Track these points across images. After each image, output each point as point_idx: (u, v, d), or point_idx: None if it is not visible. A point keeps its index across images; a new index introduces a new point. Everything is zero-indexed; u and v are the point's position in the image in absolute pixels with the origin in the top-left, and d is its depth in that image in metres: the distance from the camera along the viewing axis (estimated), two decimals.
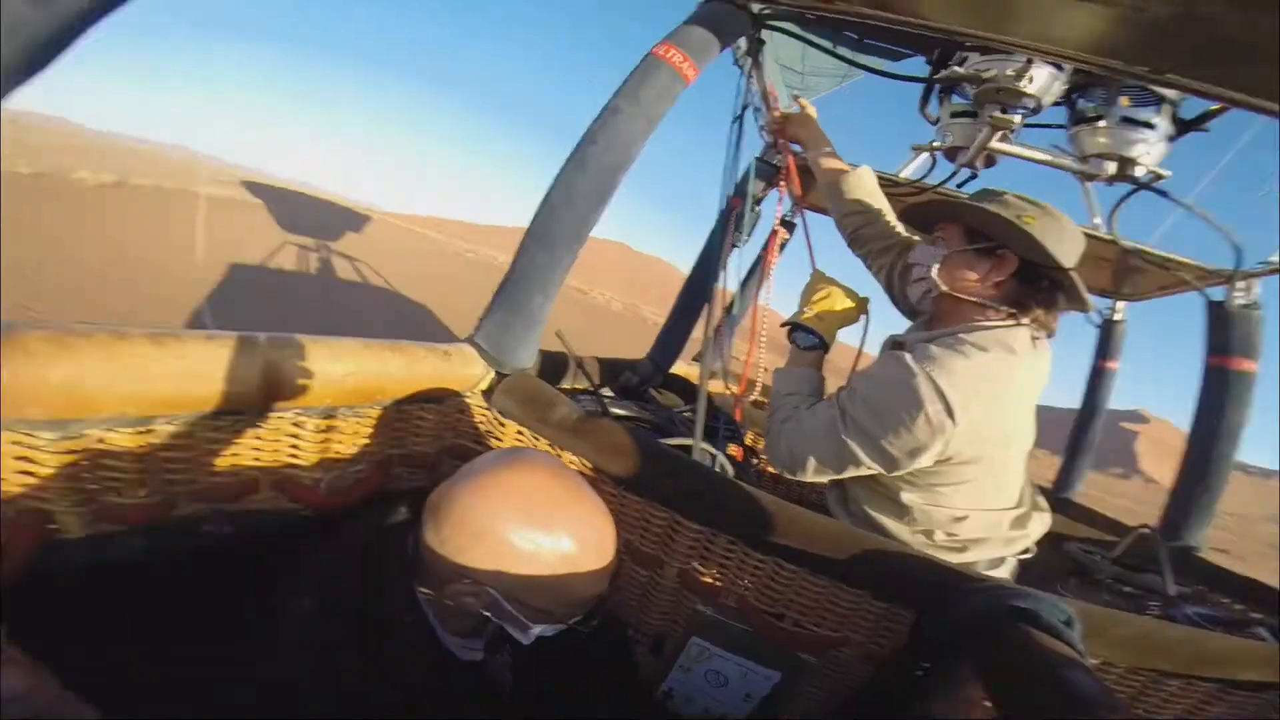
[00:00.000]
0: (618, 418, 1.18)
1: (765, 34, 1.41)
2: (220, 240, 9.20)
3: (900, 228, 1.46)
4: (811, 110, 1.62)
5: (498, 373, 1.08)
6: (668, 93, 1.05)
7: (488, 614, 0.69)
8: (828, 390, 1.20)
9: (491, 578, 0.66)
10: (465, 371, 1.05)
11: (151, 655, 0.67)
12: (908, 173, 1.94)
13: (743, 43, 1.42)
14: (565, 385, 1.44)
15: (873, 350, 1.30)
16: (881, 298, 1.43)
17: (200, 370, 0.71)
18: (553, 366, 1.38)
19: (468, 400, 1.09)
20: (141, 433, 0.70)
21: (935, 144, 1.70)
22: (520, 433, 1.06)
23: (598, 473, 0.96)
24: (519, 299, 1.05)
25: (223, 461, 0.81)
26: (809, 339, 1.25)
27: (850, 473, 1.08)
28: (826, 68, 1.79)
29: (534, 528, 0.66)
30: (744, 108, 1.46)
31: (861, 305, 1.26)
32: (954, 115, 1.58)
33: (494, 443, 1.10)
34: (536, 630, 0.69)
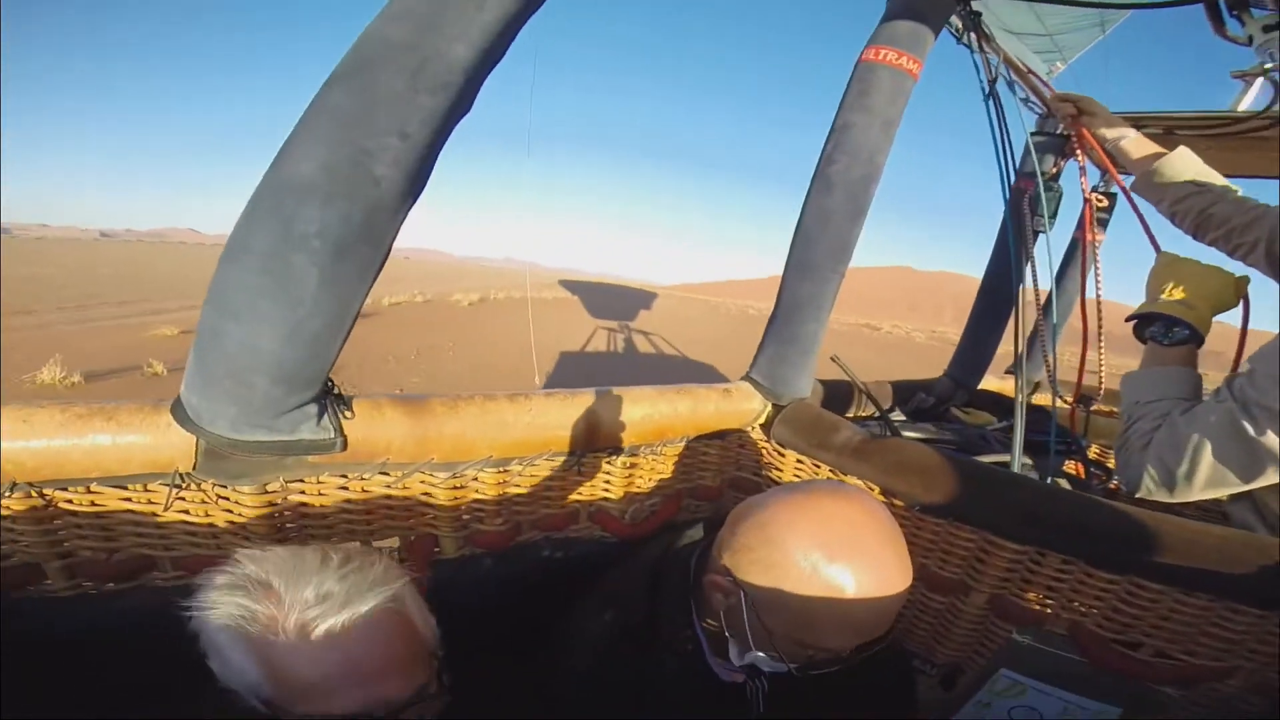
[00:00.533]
0: (911, 439, 1.07)
1: (979, 4, 1.23)
2: (549, 330, 11.60)
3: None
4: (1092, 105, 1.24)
5: (775, 405, 1.08)
6: (898, 93, 0.97)
7: (718, 621, 0.66)
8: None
9: (756, 583, 0.62)
10: (744, 407, 1.06)
11: (482, 666, 0.74)
12: (1244, 106, 1.40)
13: (957, 21, 1.21)
14: (850, 414, 1.33)
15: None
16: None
17: (543, 421, 0.81)
18: (836, 395, 1.29)
19: (749, 434, 1.11)
20: (500, 472, 0.83)
21: (1266, 66, 1.29)
22: (800, 461, 1.04)
23: (887, 496, 0.89)
24: (790, 330, 1.03)
25: (554, 495, 0.92)
26: (1179, 331, 0.93)
27: (1263, 480, 0.76)
28: (1076, 21, 1.48)
29: (821, 553, 0.59)
30: (992, 81, 1.23)
31: (1240, 285, 0.96)
32: (1267, 29, 1.22)
33: (774, 474, 1.09)
34: (751, 656, 0.65)
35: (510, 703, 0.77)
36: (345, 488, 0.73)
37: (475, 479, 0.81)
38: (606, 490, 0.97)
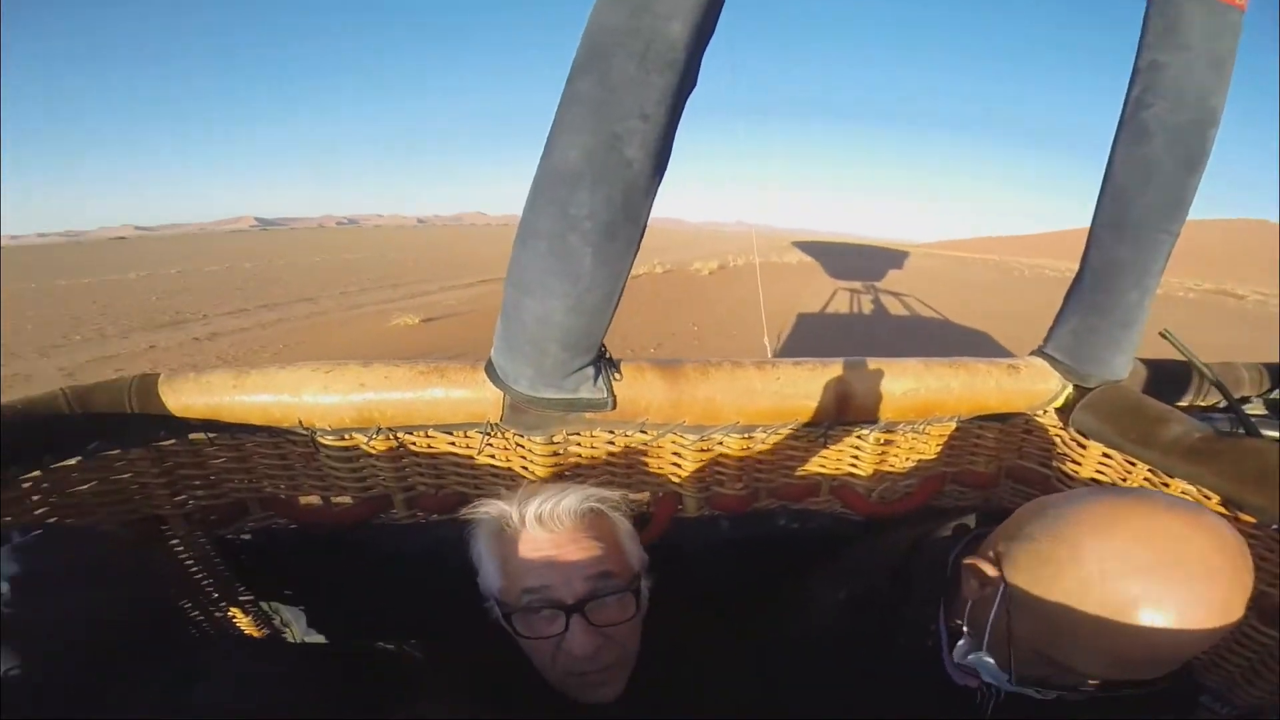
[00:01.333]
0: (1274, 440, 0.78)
1: None
2: (787, 294, 11.27)
3: None
4: None
5: (1078, 386, 0.87)
6: (1221, 27, 0.75)
7: (962, 613, 0.61)
8: None
9: (1024, 576, 0.54)
10: (1035, 387, 0.88)
11: (710, 623, 0.78)
12: None
13: None
14: (1184, 404, 1.01)
15: None
16: None
17: (791, 390, 0.78)
18: (1163, 379, 0.98)
19: (1038, 419, 0.92)
20: (745, 438, 0.82)
21: None
22: (1106, 455, 0.84)
23: (1230, 509, 0.71)
24: (1102, 299, 0.83)
25: (796, 466, 0.88)
26: None
27: None
28: None
29: (1120, 563, 0.48)
30: None
31: None
32: None
33: (1069, 467, 0.90)
34: (976, 657, 0.58)
35: (722, 660, 0.78)
36: (611, 442, 0.80)
37: (720, 443, 0.82)
38: (854, 466, 0.90)
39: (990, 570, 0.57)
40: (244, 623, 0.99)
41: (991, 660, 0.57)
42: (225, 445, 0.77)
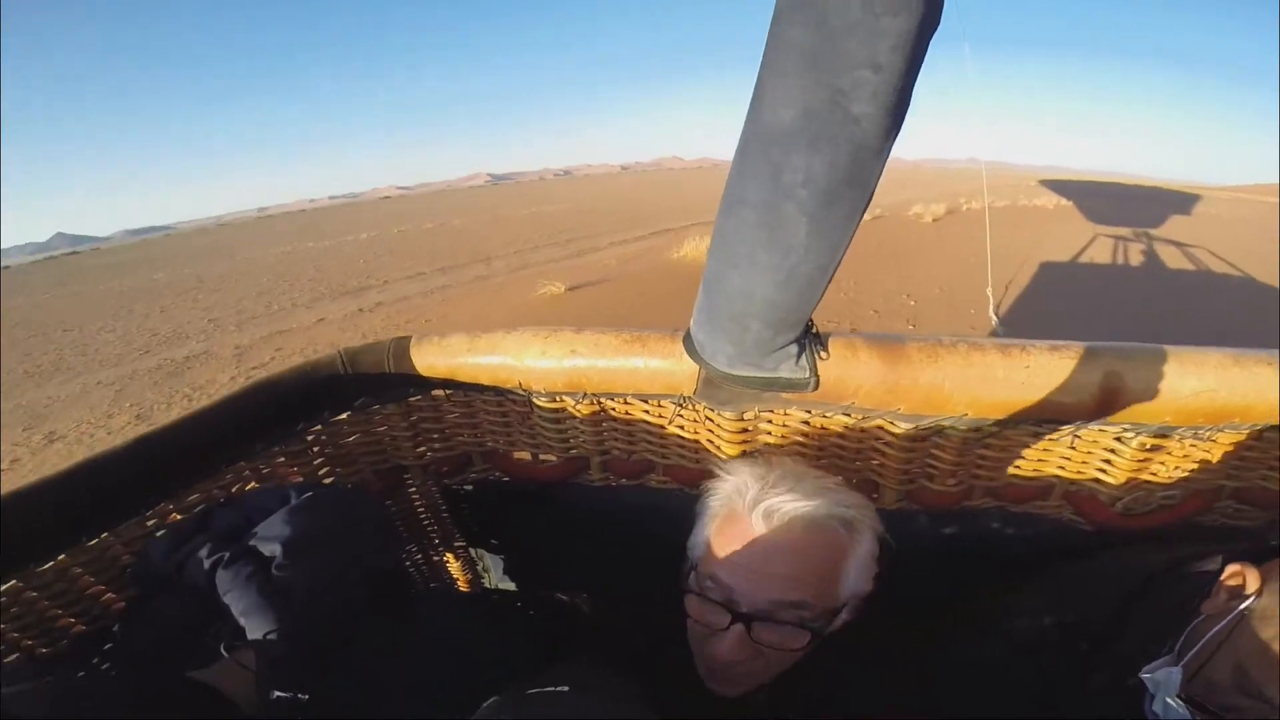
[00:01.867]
0: None
1: None
2: (1028, 243, 9.26)
3: None
4: None
5: None
6: None
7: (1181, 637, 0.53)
8: None
9: (1255, 646, 0.47)
10: None
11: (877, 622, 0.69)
12: None
13: None
14: None
15: None
16: None
17: (1042, 381, 0.66)
18: None
19: None
20: (971, 431, 0.72)
21: None
22: None
23: None
24: None
25: (1026, 465, 0.76)
26: None
27: None
28: None
29: None
30: None
31: None
32: None
33: None
34: (1165, 689, 0.51)
35: (891, 668, 0.71)
36: (807, 423, 0.76)
37: (939, 434, 0.73)
38: (1102, 471, 0.75)
39: (1253, 580, 0.51)
40: (454, 566, 1.14)
41: (1177, 672, 0.51)
42: (459, 402, 0.88)
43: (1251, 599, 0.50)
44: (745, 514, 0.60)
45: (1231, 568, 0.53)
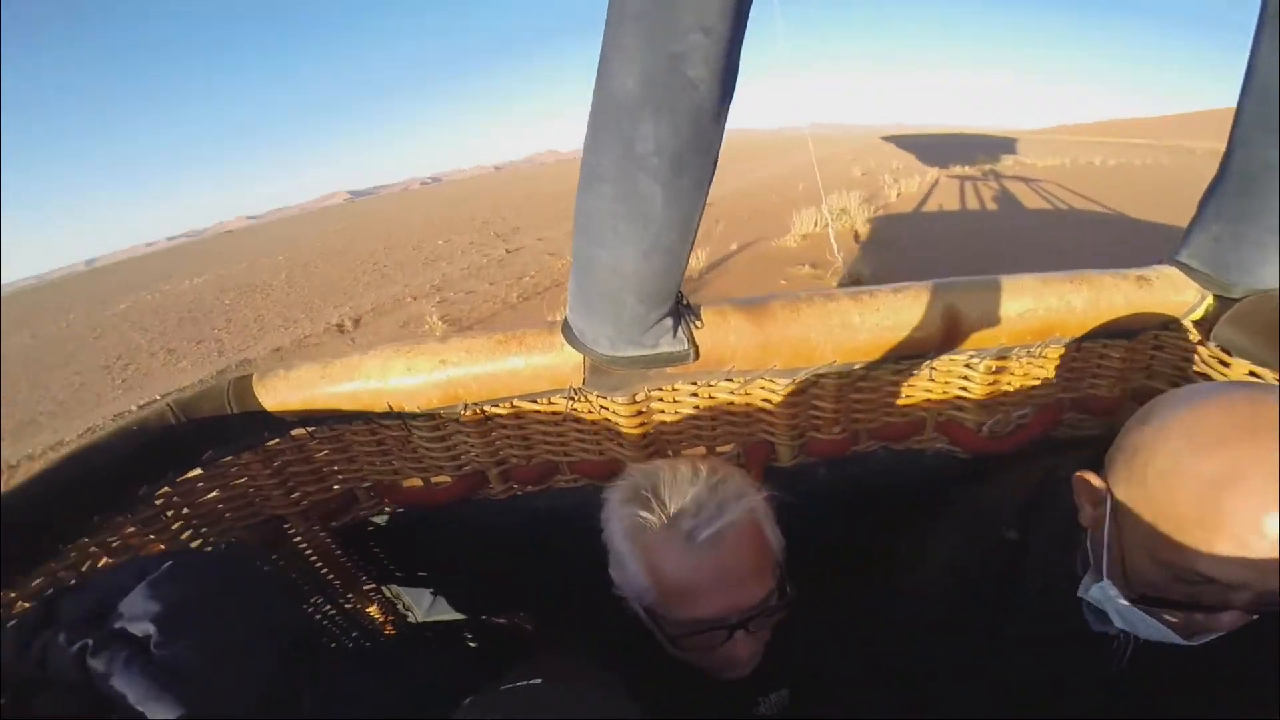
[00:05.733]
0: None
1: None
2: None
3: None
4: None
5: (1220, 297, 0.77)
6: None
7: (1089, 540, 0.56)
8: None
9: (1122, 474, 0.52)
10: (1170, 299, 0.78)
11: (814, 577, 0.71)
12: None
13: None
14: None
15: None
16: None
17: (892, 321, 0.71)
18: None
19: (1171, 334, 0.82)
20: (842, 378, 0.77)
21: None
22: (1254, 374, 0.75)
23: None
24: (1250, 203, 0.73)
25: (899, 403, 0.82)
26: None
27: None
28: None
29: (1226, 451, 0.45)
30: None
31: None
32: None
33: None
34: (1100, 587, 0.54)
35: (844, 620, 0.75)
36: (695, 394, 0.77)
37: (815, 384, 0.77)
38: (962, 397, 0.83)
39: (1095, 481, 0.54)
40: (372, 611, 1.04)
41: (1113, 586, 0.53)
42: (325, 438, 0.80)
43: (1108, 498, 0.53)
44: (675, 548, 0.59)
45: (1075, 479, 0.57)
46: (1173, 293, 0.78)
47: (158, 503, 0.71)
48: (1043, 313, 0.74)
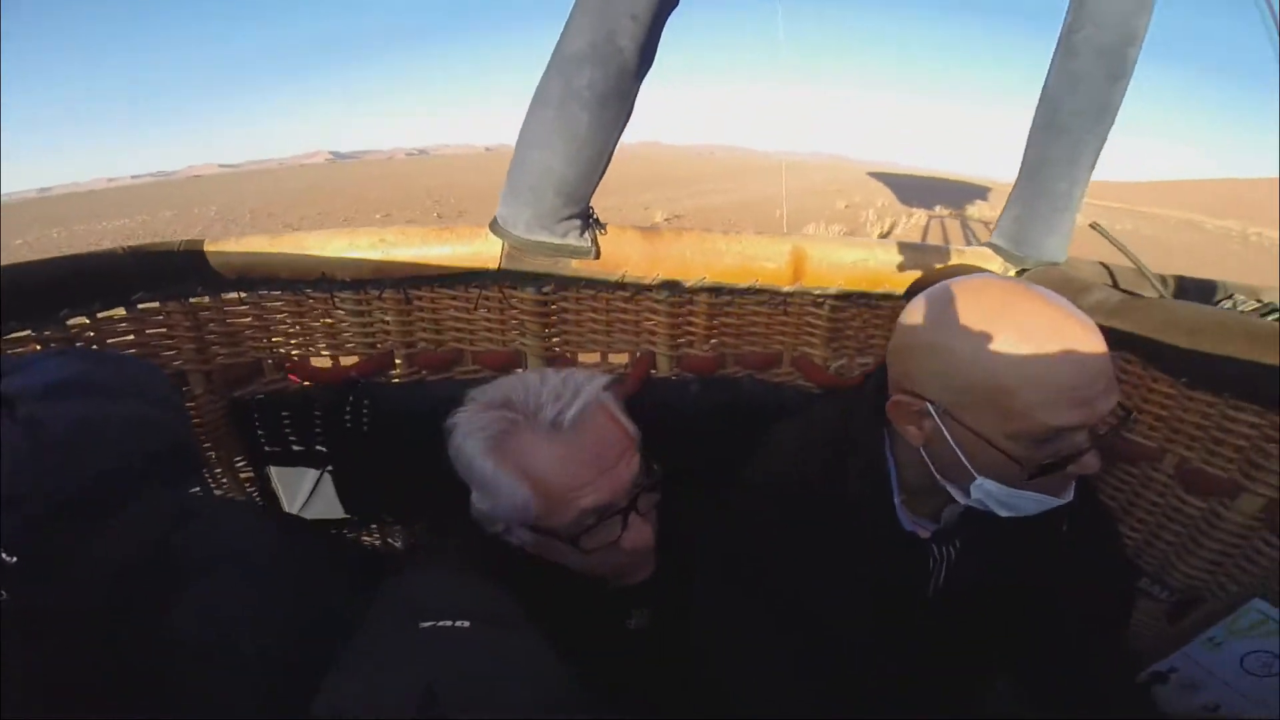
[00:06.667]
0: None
1: None
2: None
3: None
4: None
5: (1019, 270, 0.98)
6: None
7: (922, 464, 0.60)
8: None
9: (933, 379, 0.56)
10: (978, 269, 0.97)
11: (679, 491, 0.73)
12: None
13: None
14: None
15: None
16: None
17: (753, 253, 0.90)
18: (1101, 277, 1.10)
19: None
20: (713, 299, 0.93)
21: None
22: None
23: (1147, 369, 0.80)
24: (1036, 188, 0.95)
25: (759, 333, 0.99)
26: None
27: None
28: None
29: (980, 317, 0.53)
30: None
31: None
32: None
33: None
34: (979, 485, 0.57)
35: (701, 531, 0.75)
36: (594, 298, 0.91)
37: (691, 301, 0.92)
38: (811, 335, 1.01)
39: (909, 400, 0.58)
40: (235, 492, 1.00)
41: (992, 481, 0.56)
42: (251, 304, 0.87)
43: (929, 408, 0.58)
44: (544, 440, 0.59)
45: (890, 406, 0.61)
46: (981, 264, 0.97)
47: (72, 329, 0.75)
48: (873, 264, 0.94)
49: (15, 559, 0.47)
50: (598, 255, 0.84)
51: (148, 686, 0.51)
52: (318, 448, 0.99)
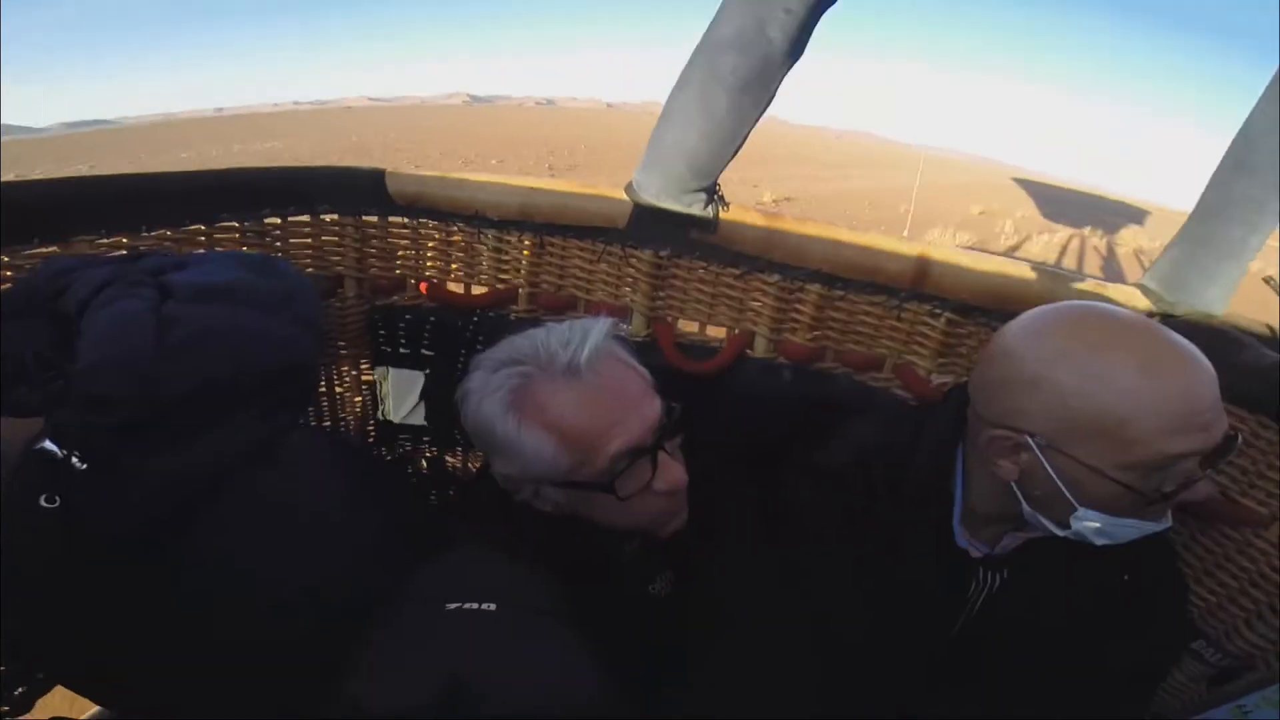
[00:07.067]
0: None
1: None
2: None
3: None
4: None
5: (1166, 315, 0.88)
6: None
7: (1014, 501, 0.59)
8: None
9: (1033, 421, 0.55)
10: None
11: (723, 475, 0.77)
12: None
13: None
14: None
15: None
16: None
17: (875, 248, 0.89)
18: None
19: None
20: (824, 291, 0.92)
21: None
22: None
23: None
24: (1206, 230, 0.86)
25: (865, 334, 0.97)
26: None
27: None
28: None
29: (1081, 343, 0.53)
30: None
31: None
32: None
33: None
34: (1081, 517, 0.56)
35: (743, 510, 0.76)
36: (705, 269, 0.94)
37: (801, 289, 0.92)
38: (920, 346, 0.96)
39: (1005, 434, 0.57)
40: (353, 389, 1.12)
41: (1095, 511, 0.55)
42: (410, 229, 0.99)
43: (1029, 441, 0.56)
44: (564, 385, 0.58)
45: (989, 441, 0.59)
46: (1126, 303, 0.87)
47: (267, 225, 0.89)
48: (1002, 284, 0.87)
49: (85, 465, 0.46)
50: (716, 230, 0.88)
51: (166, 615, 0.51)
52: (431, 361, 1.07)
